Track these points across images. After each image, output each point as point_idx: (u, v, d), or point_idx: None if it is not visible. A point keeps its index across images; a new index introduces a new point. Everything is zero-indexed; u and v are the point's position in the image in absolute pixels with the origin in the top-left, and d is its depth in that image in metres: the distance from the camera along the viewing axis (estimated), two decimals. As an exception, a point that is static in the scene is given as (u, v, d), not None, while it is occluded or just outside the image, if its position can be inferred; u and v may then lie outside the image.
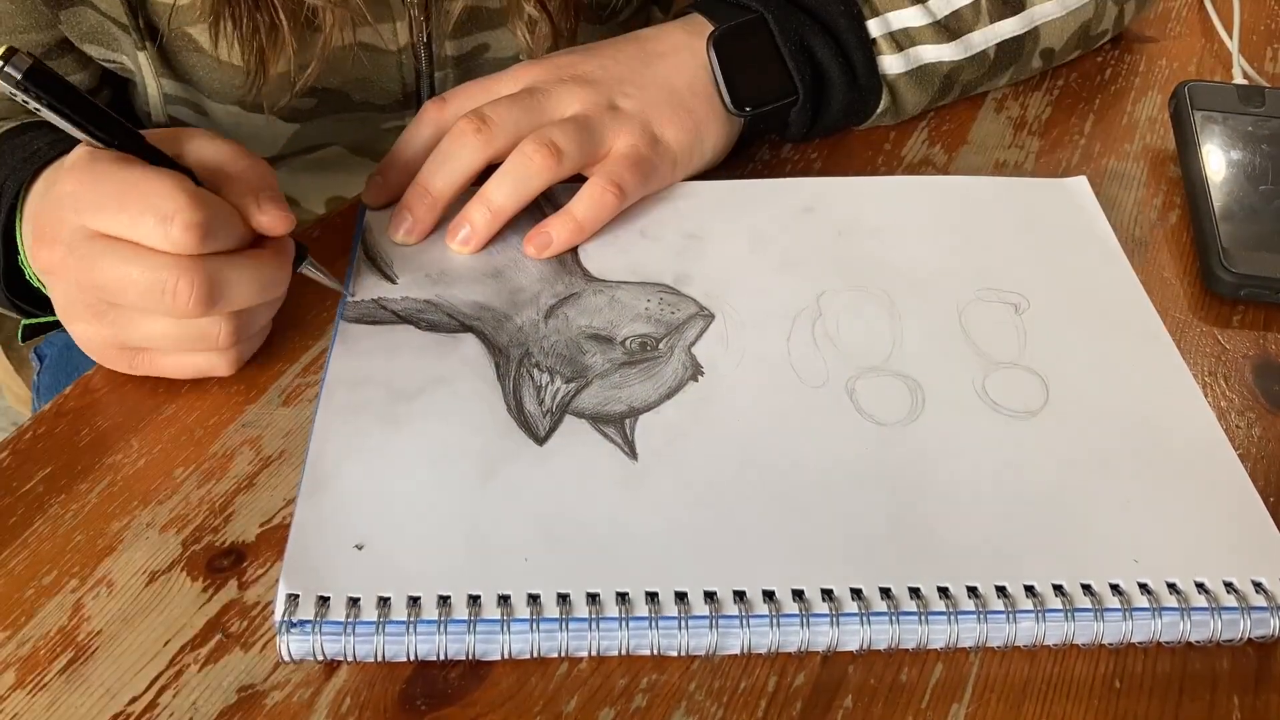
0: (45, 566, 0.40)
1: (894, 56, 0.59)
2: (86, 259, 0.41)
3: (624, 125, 0.52)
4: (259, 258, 0.43)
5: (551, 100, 0.52)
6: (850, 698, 0.37)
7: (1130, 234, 0.56)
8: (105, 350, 0.45)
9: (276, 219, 0.43)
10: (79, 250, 0.41)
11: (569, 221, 0.51)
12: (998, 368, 0.47)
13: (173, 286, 0.40)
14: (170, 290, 0.40)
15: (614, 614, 0.37)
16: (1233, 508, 0.42)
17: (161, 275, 0.40)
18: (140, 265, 0.40)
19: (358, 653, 0.37)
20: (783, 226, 0.53)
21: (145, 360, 0.45)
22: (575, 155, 0.50)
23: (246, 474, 0.43)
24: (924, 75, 0.60)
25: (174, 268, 0.40)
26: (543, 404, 0.44)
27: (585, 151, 0.51)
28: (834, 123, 0.59)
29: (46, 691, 0.36)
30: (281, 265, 0.45)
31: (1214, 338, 0.51)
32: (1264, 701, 0.38)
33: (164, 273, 0.40)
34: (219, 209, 0.41)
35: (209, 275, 0.41)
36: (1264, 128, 0.60)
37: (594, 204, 0.51)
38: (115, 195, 0.40)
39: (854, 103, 0.59)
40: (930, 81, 0.60)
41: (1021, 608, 0.38)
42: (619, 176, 0.51)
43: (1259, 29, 0.73)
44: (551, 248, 0.51)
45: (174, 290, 0.40)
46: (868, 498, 0.41)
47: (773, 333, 0.48)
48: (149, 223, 0.40)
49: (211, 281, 0.41)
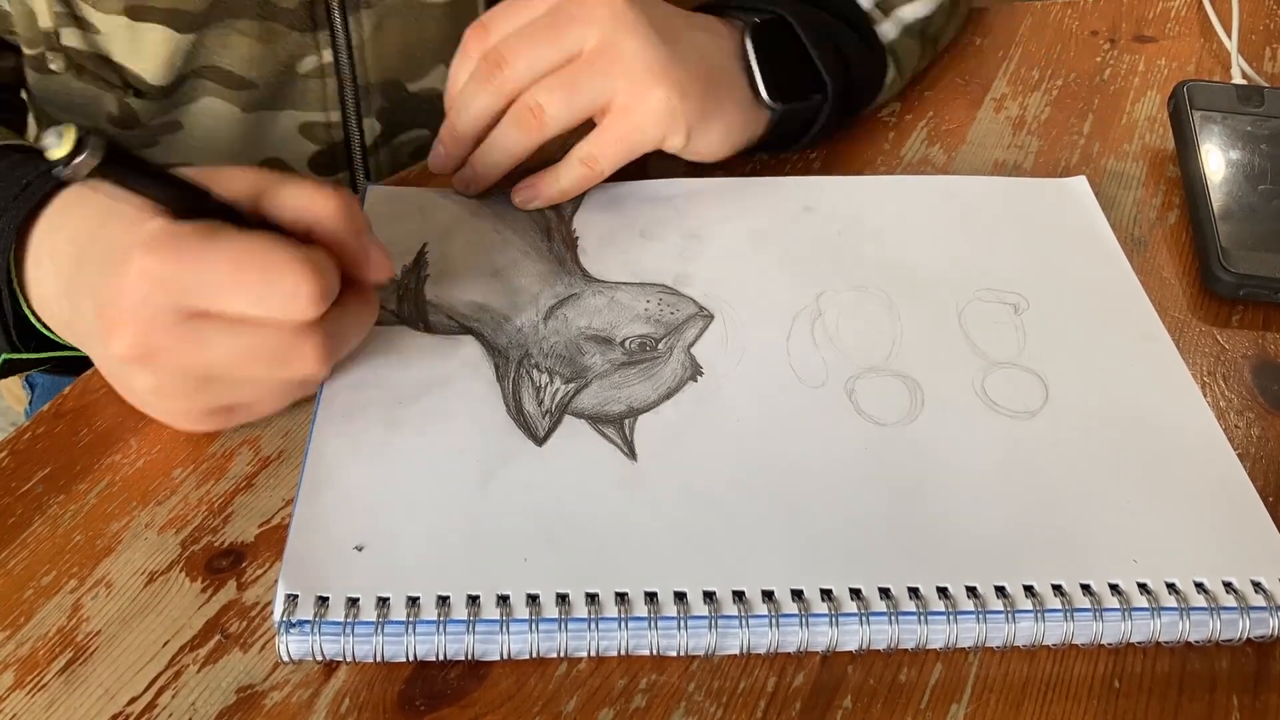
0: (44, 567, 0.40)
1: (886, 24, 0.61)
2: (194, 341, 0.38)
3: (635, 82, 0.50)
4: (357, 299, 0.43)
5: (574, 31, 0.50)
6: (849, 698, 0.37)
7: (1129, 234, 0.56)
8: (196, 418, 0.42)
9: (382, 265, 0.43)
10: (182, 334, 0.38)
11: (553, 186, 0.53)
12: (997, 367, 0.47)
13: (299, 354, 0.39)
14: (298, 358, 0.39)
15: (613, 614, 0.37)
16: (1232, 508, 0.42)
17: (285, 346, 0.39)
18: (261, 341, 0.39)
19: (357, 653, 0.37)
20: (782, 226, 0.53)
21: (243, 414, 0.43)
22: (563, 118, 0.50)
23: (245, 474, 0.43)
24: (910, 35, 0.63)
25: (297, 336, 0.39)
26: (542, 404, 0.44)
27: (575, 111, 0.50)
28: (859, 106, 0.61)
29: (45, 692, 0.36)
30: (372, 301, 0.44)
31: (1213, 337, 0.51)
32: (1263, 701, 0.38)
33: (287, 342, 0.39)
34: (327, 265, 0.39)
35: (327, 334, 0.40)
36: (1263, 127, 0.60)
37: (574, 180, 0.53)
38: (228, 274, 0.38)
39: (870, 79, 0.61)
40: (916, 40, 0.63)
41: (1020, 608, 0.38)
42: (600, 154, 0.52)
43: (1258, 29, 0.73)
44: (535, 203, 0.53)
45: (301, 357, 0.39)
46: (867, 498, 0.41)
47: (772, 333, 0.48)
48: (274, 302, 0.38)
49: (330, 339, 0.40)
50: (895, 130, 0.62)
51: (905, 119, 0.63)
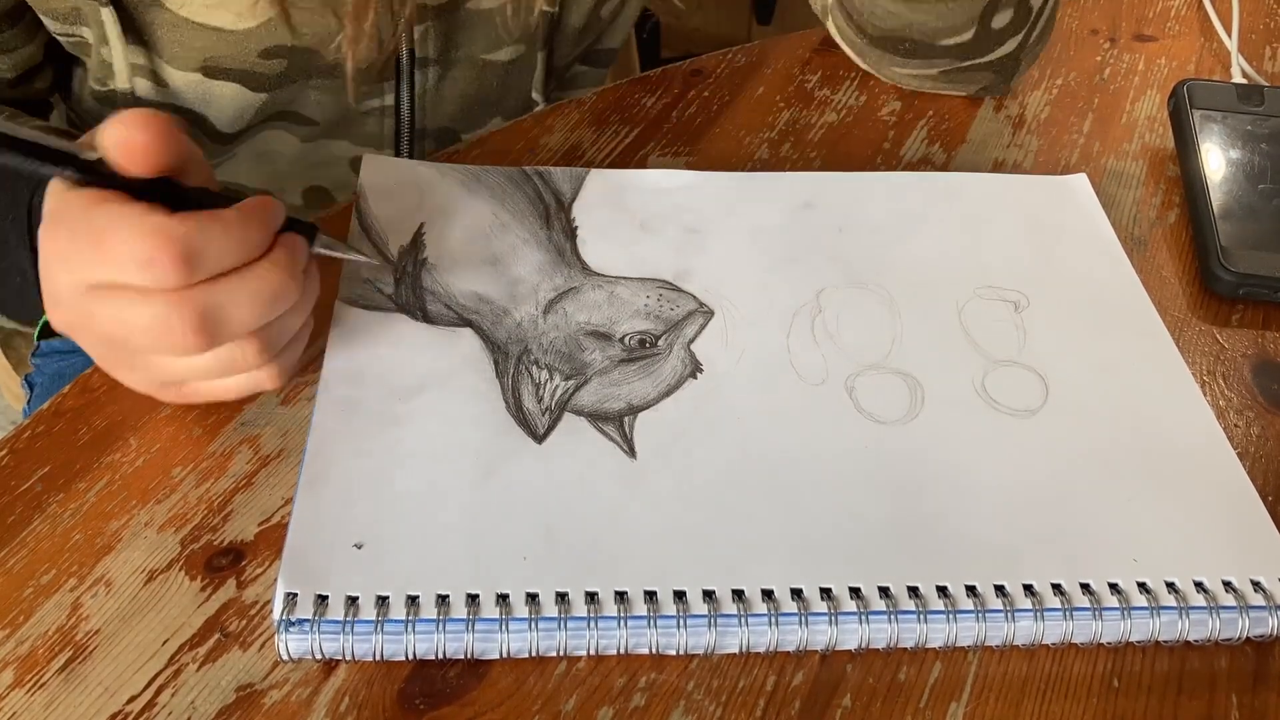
0: (44, 565, 0.40)
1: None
2: (86, 314, 0.40)
3: None
4: (256, 272, 0.41)
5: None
6: (849, 697, 0.37)
7: (1129, 233, 0.56)
8: (152, 390, 0.43)
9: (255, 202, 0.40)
10: (78, 307, 0.40)
11: None
12: (997, 366, 0.47)
13: (170, 325, 0.39)
14: (169, 329, 0.39)
15: (612, 613, 0.37)
16: (1231, 507, 0.42)
17: (157, 314, 0.39)
18: (134, 309, 0.39)
19: (356, 652, 0.37)
20: (783, 222, 0.53)
21: (191, 391, 0.43)
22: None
23: (245, 473, 0.43)
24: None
25: (165, 304, 0.39)
26: (541, 401, 0.44)
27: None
28: None
29: (45, 690, 0.36)
30: (286, 270, 0.41)
31: (1213, 336, 0.51)
32: (1262, 700, 0.38)
33: (159, 310, 0.39)
34: (205, 229, 0.38)
35: (200, 307, 0.39)
36: (1263, 126, 0.60)
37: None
38: (91, 247, 0.38)
39: None
40: None
41: (1020, 607, 0.38)
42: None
43: (1258, 28, 0.73)
44: None
45: (170, 328, 0.39)
46: (866, 496, 0.41)
47: (772, 330, 0.48)
48: (132, 270, 0.38)
49: (203, 313, 0.39)
50: (895, 129, 0.62)
51: (905, 118, 0.63)
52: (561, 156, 0.59)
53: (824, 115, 0.63)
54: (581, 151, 0.59)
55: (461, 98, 0.66)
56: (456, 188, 0.53)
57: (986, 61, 0.61)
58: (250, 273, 0.40)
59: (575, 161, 0.59)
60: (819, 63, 0.67)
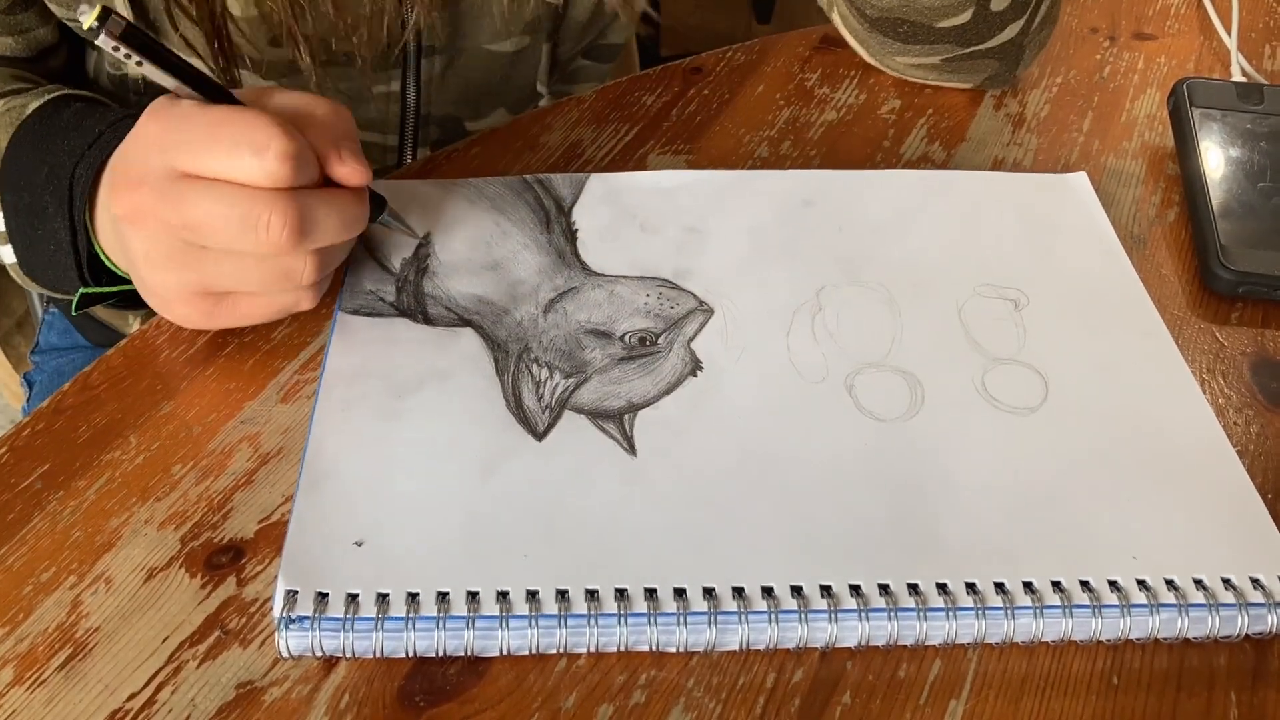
0: (44, 563, 0.40)
1: None
2: (175, 199, 0.40)
3: None
4: (343, 195, 0.43)
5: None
6: (849, 694, 0.37)
7: (1129, 231, 0.56)
8: (186, 298, 0.44)
9: (354, 170, 0.43)
10: (166, 191, 0.40)
11: None
12: (997, 364, 0.47)
13: (266, 220, 0.40)
14: (265, 224, 0.40)
15: (612, 610, 0.37)
16: (1231, 504, 0.42)
17: (255, 210, 0.40)
18: (232, 201, 0.40)
19: (356, 649, 0.37)
20: (782, 221, 0.53)
21: (228, 306, 0.44)
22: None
23: (245, 471, 0.43)
24: None
25: (266, 202, 0.40)
26: (542, 399, 0.44)
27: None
28: None
29: (45, 688, 0.36)
30: (361, 203, 0.45)
31: (1212, 335, 0.51)
32: (1261, 698, 0.38)
33: (257, 207, 0.40)
34: (305, 145, 0.41)
35: (301, 208, 0.41)
36: (1262, 125, 0.60)
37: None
38: (205, 132, 0.40)
39: None
40: None
41: (1020, 604, 0.38)
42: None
43: (1257, 26, 0.73)
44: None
45: (268, 224, 0.40)
46: (866, 494, 0.41)
47: (772, 328, 0.48)
48: (243, 155, 0.39)
49: (303, 214, 0.41)
50: (895, 127, 0.62)
51: (905, 116, 0.63)
52: (561, 154, 0.59)
53: (824, 113, 0.63)
54: (581, 149, 0.59)
55: (466, 86, 0.66)
56: (459, 201, 0.54)
57: (989, 48, 0.61)
58: (338, 194, 0.43)
59: (575, 159, 0.59)
60: (819, 61, 0.67)
